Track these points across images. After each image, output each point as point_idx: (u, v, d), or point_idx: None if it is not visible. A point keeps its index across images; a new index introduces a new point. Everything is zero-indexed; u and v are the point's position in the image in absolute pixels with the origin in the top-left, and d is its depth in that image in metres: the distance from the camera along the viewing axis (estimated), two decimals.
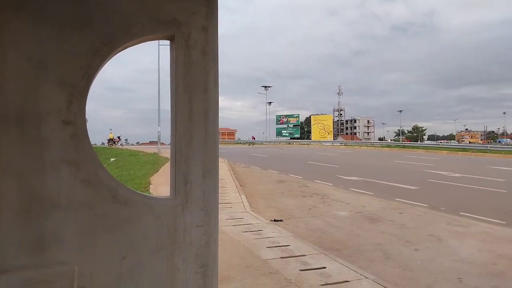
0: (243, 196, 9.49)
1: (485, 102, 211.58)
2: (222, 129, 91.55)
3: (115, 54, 2.34)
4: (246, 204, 8.65)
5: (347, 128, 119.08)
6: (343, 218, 7.80)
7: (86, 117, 2.21)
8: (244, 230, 6.29)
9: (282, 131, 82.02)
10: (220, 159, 2.57)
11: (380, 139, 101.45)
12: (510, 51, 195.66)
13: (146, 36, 2.39)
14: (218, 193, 2.49)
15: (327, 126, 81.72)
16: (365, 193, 11.01)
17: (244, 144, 57.84)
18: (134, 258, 2.22)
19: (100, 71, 2.29)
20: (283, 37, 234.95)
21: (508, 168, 19.55)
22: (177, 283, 2.31)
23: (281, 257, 4.84)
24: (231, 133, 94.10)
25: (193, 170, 2.39)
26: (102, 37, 2.18)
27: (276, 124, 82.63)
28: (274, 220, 7.34)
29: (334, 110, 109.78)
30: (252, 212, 7.88)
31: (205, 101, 2.42)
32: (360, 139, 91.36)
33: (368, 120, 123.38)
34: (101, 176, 2.17)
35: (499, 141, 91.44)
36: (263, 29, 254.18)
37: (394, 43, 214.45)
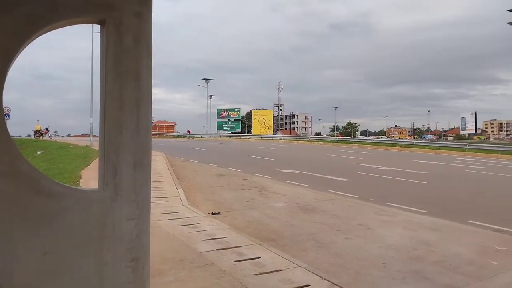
0: (181, 190, 9.34)
1: (413, 101, 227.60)
2: (161, 122, 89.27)
3: (37, 36, 2.17)
4: (183, 198, 8.52)
5: (286, 123, 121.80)
6: (280, 209, 8.00)
7: (7, 105, 2.03)
8: (180, 224, 6.20)
9: (223, 125, 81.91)
10: (157, 153, 2.50)
11: (317, 134, 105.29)
12: (439, 53, 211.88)
13: (74, 19, 2.24)
14: (150, 185, 2.43)
15: (267, 121, 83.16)
16: (300, 185, 11.37)
17: (184, 137, 56.92)
18: (58, 254, 2.10)
19: (28, 57, 2.11)
20: (225, 30, 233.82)
21: (429, 162, 21.26)
22: (105, 278, 2.22)
23: (216, 249, 4.85)
24: (170, 126, 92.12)
25: (123, 161, 2.30)
26: (25, 17, 2.02)
27: (217, 117, 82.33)
28: (212, 213, 7.32)
29: (274, 105, 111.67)
30: (189, 206, 7.78)
31: (137, 90, 2.33)
32: (298, 134, 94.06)
33: (306, 116, 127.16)
34: (20, 167, 2.02)
35: (424, 137, 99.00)
36: (204, 20, 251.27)
37: (332, 41, 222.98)
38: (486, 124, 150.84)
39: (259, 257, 4.58)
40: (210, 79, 67.63)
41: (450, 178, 15.19)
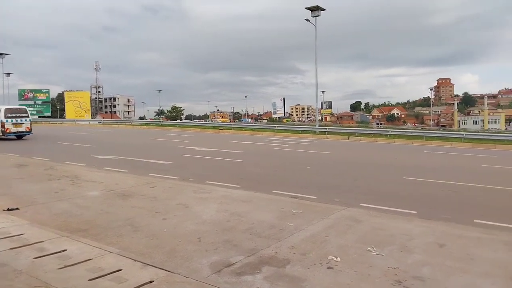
0: None
1: (230, 86, 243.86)
2: None
3: None
4: None
5: (106, 107, 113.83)
6: (94, 198, 7.44)
7: None
8: None
9: (28, 109, 70.65)
10: None
11: (141, 118, 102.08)
12: (249, 42, 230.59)
13: None
14: None
15: (83, 103, 75.59)
16: (120, 171, 10.83)
17: None
18: None
19: None
20: None
21: (245, 142, 23.22)
22: None
23: (11, 248, 4.17)
24: None
25: None
26: None
27: (19, 100, 70.24)
28: (8, 210, 6.27)
29: (91, 87, 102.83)
30: None
31: None
32: (120, 118, 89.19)
33: (128, 99, 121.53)
34: None
35: (242, 121, 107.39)
36: None
37: (147, 23, 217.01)
38: (292, 109, 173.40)
39: (65, 250, 4.16)
40: (6, 54, 56.55)
41: (261, 155, 16.94)
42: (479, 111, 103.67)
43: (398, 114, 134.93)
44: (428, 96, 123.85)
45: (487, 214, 6.95)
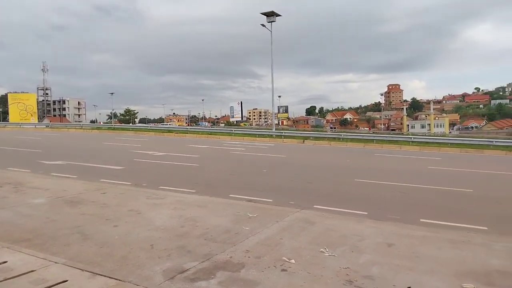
0: None
1: (187, 90, 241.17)
2: None
3: None
4: None
5: (55, 110, 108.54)
6: (40, 206, 7.04)
7: None
8: None
9: None
10: None
11: (92, 121, 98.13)
12: (206, 46, 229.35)
13: None
14: None
15: (29, 106, 71.38)
16: (68, 177, 10.34)
17: None
18: None
19: None
20: None
21: (202, 146, 23.00)
22: None
23: None
24: None
25: None
26: None
27: None
28: None
29: (38, 89, 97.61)
30: None
31: None
32: (70, 122, 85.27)
33: (79, 102, 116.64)
34: None
35: (199, 124, 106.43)
36: None
37: (99, 23, 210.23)
38: (250, 113, 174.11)
39: (5, 262, 3.90)
40: None
41: (218, 159, 16.86)
42: (426, 116, 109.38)
43: (350, 118, 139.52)
44: (379, 101, 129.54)
45: (432, 213, 7.33)
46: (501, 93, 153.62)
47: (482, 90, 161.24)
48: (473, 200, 9.08)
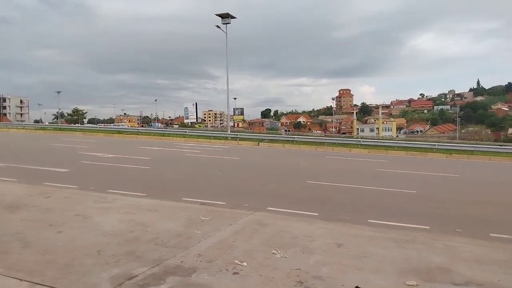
0: None
1: (140, 89, 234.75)
2: None
3: None
4: None
5: None
6: None
7: None
8: None
9: None
10: None
11: (36, 121, 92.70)
12: (160, 45, 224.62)
13: None
14: None
15: None
16: (7, 181, 9.67)
17: None
18: None
19: None
20: None
21: (154, 148, 22.48)
22: None
23: None
24: None
25: None
26: None
27: None
28: None
29: None
30: None
31: None
32: (11, 121, 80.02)
33: (21, 100, 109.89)
34: None
35: (152, 125, 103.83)
36: None
37: (45, 17, 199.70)
38: (205, 114, 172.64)
39: None
40: None
41: (171, 161, 16.54)
42: (375, 120, 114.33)
43: (304, 121, 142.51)
44: (331, 106, 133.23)
45: (380, 214, 7.65)
46: (443, 99, 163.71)
47: (426, 96, 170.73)
48: (417, 200, 9.58)
